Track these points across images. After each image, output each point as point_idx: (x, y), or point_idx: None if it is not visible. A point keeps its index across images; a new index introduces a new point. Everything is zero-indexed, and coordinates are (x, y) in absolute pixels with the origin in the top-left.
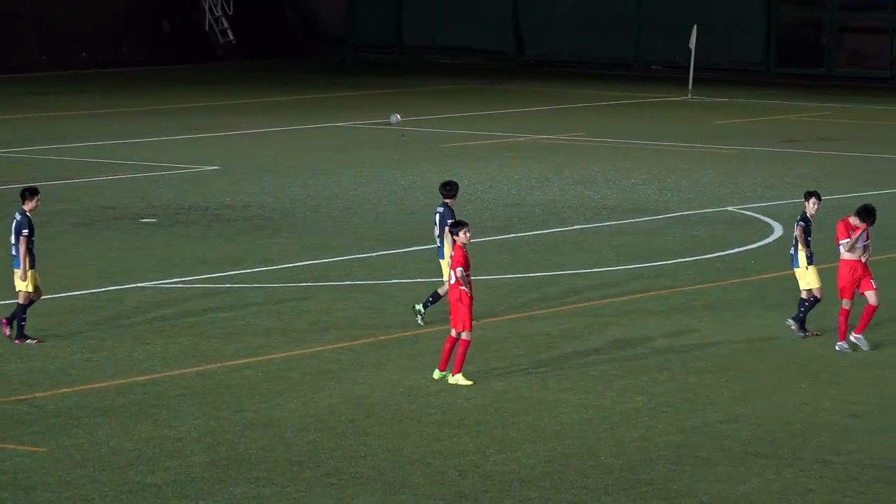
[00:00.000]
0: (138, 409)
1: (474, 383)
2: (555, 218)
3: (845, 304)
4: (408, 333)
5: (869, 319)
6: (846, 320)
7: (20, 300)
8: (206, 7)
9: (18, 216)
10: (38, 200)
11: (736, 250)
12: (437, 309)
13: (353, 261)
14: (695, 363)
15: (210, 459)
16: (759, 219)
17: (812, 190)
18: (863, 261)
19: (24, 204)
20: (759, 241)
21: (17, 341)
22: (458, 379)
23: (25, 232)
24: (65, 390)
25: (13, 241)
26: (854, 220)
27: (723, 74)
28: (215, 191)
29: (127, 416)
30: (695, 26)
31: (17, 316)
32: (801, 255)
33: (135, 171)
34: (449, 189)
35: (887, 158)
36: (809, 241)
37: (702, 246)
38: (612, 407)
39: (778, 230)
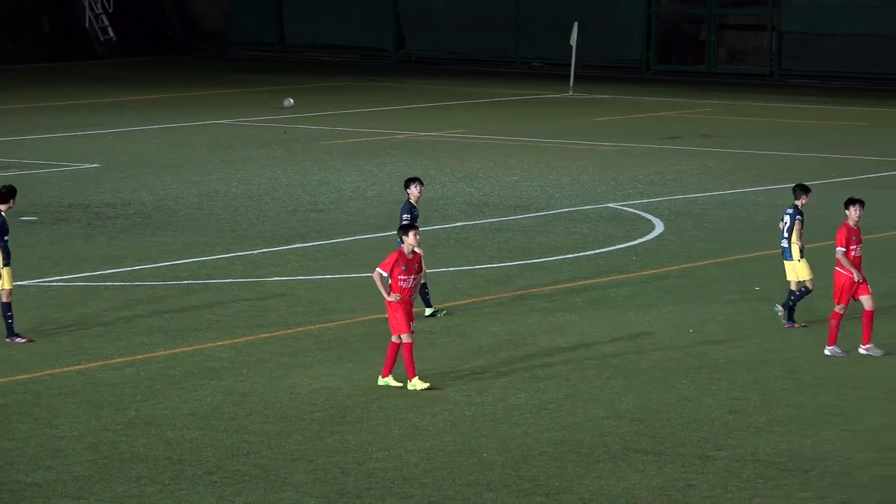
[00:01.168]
0: (19, 407)
1: (402, 385)
2: (437, 215)
3: (839, 308)
4: (289, 331)
5: (871, 325)
6: (838, 324)
7: (2, 299)
8: (86, 5)
9: None
10: (13, 201)
11: (617, 247)
12: (323, 308)
13: (235, 258)
14: (576, 360)
15: (92, 458)
16: (640, 215)
17: (805, 185)
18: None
19: (1, 203)
20: (641, 237)
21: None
22: (416, 384)
23: None
24: None
25: None
26: (853, 216)
27: (603, 71)
28: (96, 189)
29: (8, 414)
30: (575, 23)
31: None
32: (795, 249)
33: (15, 168)
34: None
35: (768, 155)
36: (802, 233)
37: (583, 243)
38: (495, 404)
39: (659, 227)
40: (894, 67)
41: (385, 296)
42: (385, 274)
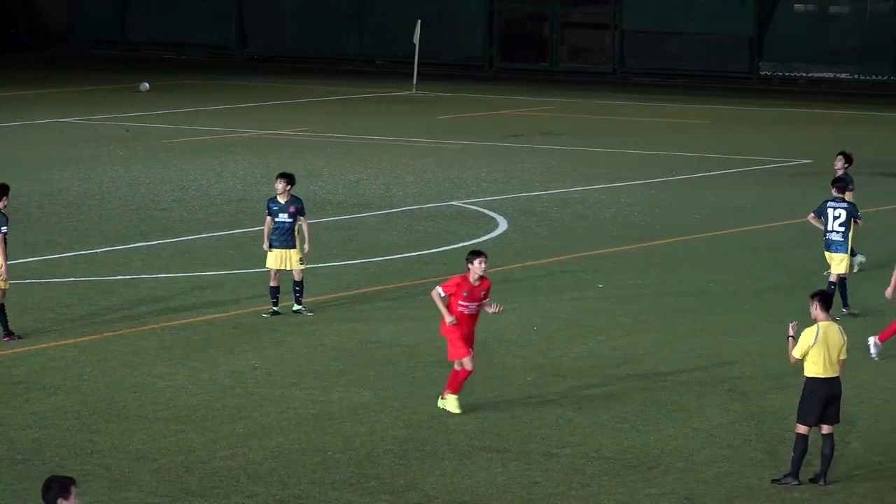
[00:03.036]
0: None
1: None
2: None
3: None
4: (134, 330)
5: None
6: None
7: None
8: None
9: None
10: (7, 198)
11: (461, 245)
12: (167, 307)
13: (78, 257)
14: (420, 357)
15: None
16: (483, 213)
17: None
18: None
19: None
20: (484, 235)
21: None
22: (450, 401)
23: (4, 229)
24: None
25: None
26: None
27: (447, 69)
28: None
29: None
30: (419, 21)
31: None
32: (848, 243)
33: None
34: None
35: (610, 153)
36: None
37: (427, 240)
38: (339, 402)
39: (503, 224)
40: (735, 66)
41: (444, 315)
42: (444, 294)
